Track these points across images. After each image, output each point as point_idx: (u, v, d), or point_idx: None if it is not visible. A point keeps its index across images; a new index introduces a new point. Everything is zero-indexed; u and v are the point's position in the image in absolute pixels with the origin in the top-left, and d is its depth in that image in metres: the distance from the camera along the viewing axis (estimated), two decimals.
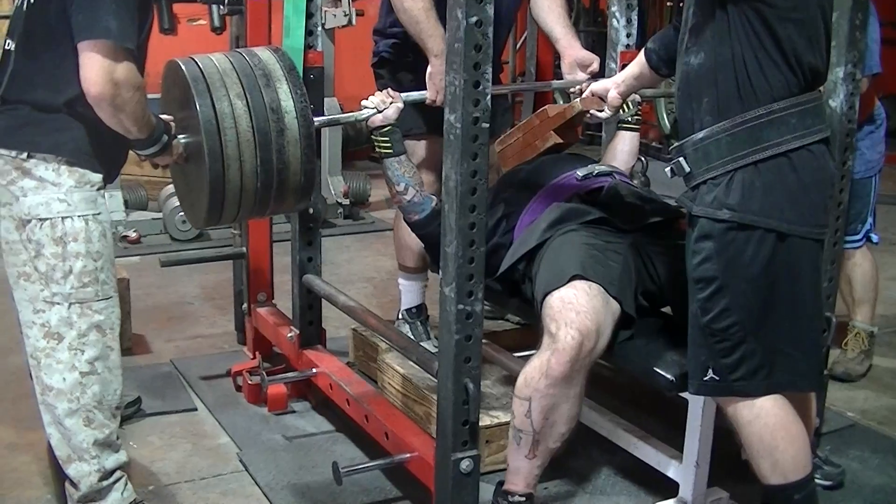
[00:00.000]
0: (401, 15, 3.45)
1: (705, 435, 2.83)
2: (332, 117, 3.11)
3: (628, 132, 3.52)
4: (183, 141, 2.80)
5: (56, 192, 2.60)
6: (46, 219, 2.60)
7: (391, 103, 3.07)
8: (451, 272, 2.46)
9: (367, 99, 3.09)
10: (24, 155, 2.59)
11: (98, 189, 2.67)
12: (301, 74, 2.96)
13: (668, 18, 9.02)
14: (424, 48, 3.37)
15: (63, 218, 2.61)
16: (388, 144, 3.06)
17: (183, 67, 2.77)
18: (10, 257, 2.69)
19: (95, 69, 2.44)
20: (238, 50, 2.93)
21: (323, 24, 3.63)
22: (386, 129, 3.05)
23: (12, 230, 2.65)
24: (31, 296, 2.67)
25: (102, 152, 2.66)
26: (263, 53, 2.88)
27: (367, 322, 3.27)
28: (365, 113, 3.07)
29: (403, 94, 3.12)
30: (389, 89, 3.09)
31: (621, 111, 3.41)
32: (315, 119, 2.90)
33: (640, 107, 3.45)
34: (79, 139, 2.61)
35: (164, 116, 2.80)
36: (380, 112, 3.05)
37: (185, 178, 2.97)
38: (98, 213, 2.67)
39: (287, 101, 2.78)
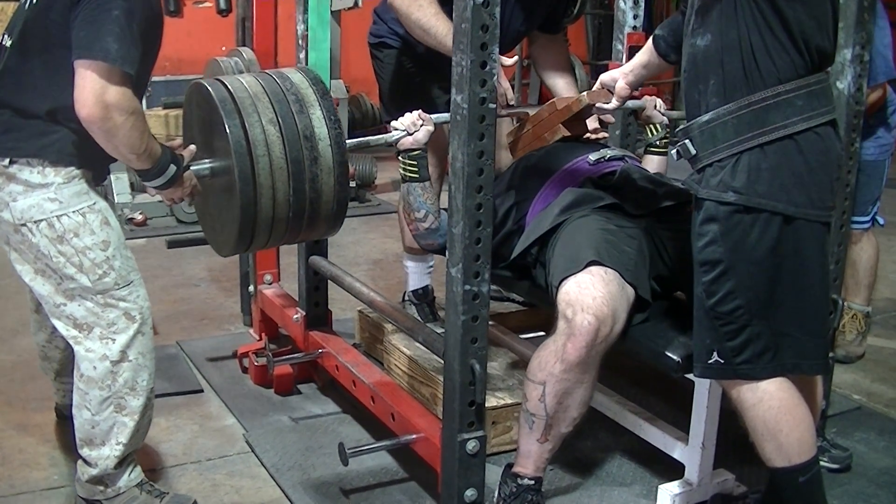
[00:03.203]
0: (413, 30, 3.41)
1: (711, 417, 2.83)
2: (361, 140, 2.99)
3: (656, 156, 3.45)
4: (209, 165, 2.71)
5: (45, 193, 2.59)
6: (41, 220, 2.59)
7: (422, 125, 2.92)
8: (458, 253, 2.46)
9: (396, 121, 2.95)
10: (6, 161, 2.58)
11: (87, 181, 2.66)
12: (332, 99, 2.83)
13: (675, 1, 8.99)
14: (446, 50, 3.31)
15: (58, 216, 2.60)
16: (416, 169, 2.93)
17: (209, 88, 2.64)
18: (20, 255, 2.69)
19: (87, 90, 2.39)
20: (268, 72, 2.82)
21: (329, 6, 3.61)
22: (415, 153, 2.92)
23: (12, 233, 2.66)
24: (49, 291, 2.67)
25: (86, 155, 2.63)
26: (295, 76, 2.75)
27: (373, 303, 3.27)
28: (395, 135, 2.93)
29: (434, 116, 2.97)
30: (420, 112, 2.95)
31: (649, 134, 3.40)
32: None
33: (667, 129, 3.39)
34: (62, 141, 2.59)
35: (177, 143, 2.76)
36: (410, 135, 2.92)
37: (210, 206, 2.87)
38: (93, 203, 2.65)
39: (321, 128, 2.65)
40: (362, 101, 8.38)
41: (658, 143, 3.42)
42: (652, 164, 3.43)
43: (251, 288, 4.19)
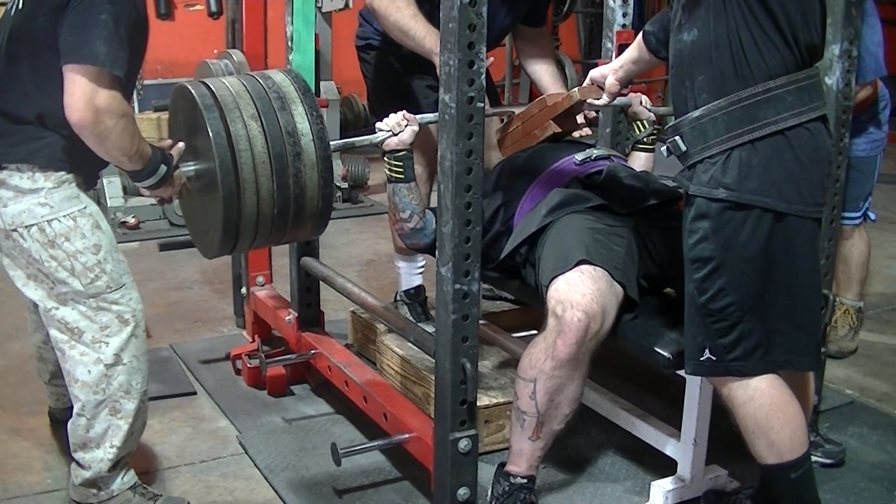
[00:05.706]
0: (392, 31, 3.42)
1: (703, 413, 2.84)
2: (347, 140, 3.00)
3: (644, 153, 3.46)
4: (194, 167, 2.71)
5: (35, 198, 2.58)
6: (32, 224, 2.59)
7: (406, 126, 2.93)
8: (448, 252, 2.46)
9: (381, 121, 2.96)
10: None
11: (78, 185, 2.65)
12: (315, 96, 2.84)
13: None
14: (424, 52, 3.33)
15: (49, 221, 2.60)
16: (401, 169, 2.95)
17: (191, 89, 2.65)
18: (12, 261, 2.69)
19: (77, 94, 2.39)
20: (250, 73, 2.83)
21: (320, 8, 3.61)
22: (401, 153, 2.94)
23: (4, 239, 2.65)
24: (41, 295, 2.67)
25: (76, 160, 2.62)
26: (277, 75, 2.75)
27: (365, 304, 3.27)
28: (380, 136, 2.94)
29: (419, 117, 2.97)
30: (405, 112, 2.97)
31: (637, 131, 3.40)
32: (330, 143, 2.78)
33: (655, 126, 3.40)
34: (53, 146, 2.58)
35: (167, 143, 2.75)
36: (395, 135, 2.93)
37: (197, 207, 2.86)
38: (84, 208, 2.65)
39: (303, 123, 2.65)
40: (354, 103, 8.36)
41: (646, 139, 3.43)
42: (639, 160, 3.44)
43: (244, 290, 4.19)
